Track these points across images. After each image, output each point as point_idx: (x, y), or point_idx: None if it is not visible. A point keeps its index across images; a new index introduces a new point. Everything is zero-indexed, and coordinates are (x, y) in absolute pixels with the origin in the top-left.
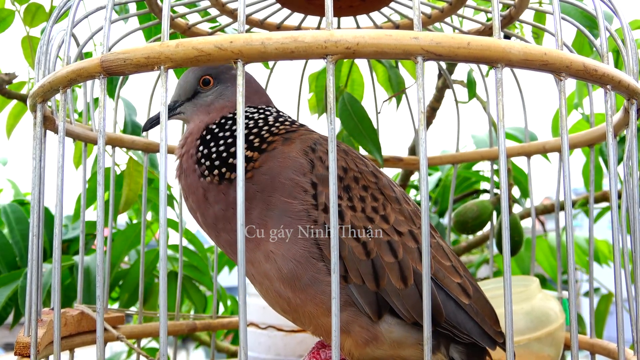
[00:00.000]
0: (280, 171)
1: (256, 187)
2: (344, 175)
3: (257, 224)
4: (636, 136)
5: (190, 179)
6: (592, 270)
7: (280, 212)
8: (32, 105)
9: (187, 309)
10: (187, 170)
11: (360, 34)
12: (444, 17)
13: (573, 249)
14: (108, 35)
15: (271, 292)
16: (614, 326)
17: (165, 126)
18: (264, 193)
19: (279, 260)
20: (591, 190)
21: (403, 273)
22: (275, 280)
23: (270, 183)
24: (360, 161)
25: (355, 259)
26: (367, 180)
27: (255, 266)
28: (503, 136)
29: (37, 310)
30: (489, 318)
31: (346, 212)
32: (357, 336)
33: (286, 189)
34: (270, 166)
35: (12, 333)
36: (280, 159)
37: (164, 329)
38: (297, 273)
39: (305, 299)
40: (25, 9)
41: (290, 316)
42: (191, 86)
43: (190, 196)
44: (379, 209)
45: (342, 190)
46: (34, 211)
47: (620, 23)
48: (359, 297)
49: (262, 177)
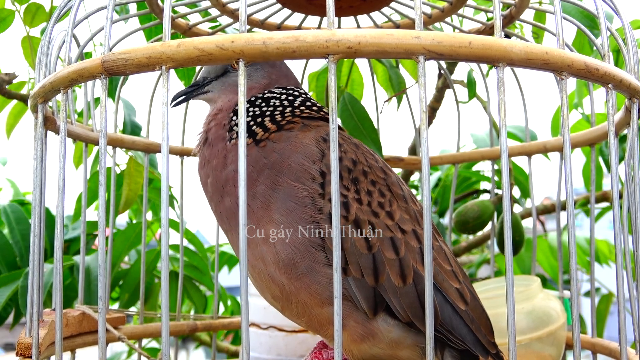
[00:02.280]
0: (291, 154)
1: (266, 160)
2: (353, 167)
3: (260, 201)
4: (637, 135)
5: (216, 146)
6: (593, 270)
7: (285, 196)
8: (33, 106)
9: (188, 309)
10: (215, 139)
11: (361, 33)
12: (444, 16)
13: (575, 249)
14: (109, 36)
15: (264, 276)
16: (615, 326)
17: (167, 126)
18: (272, 170)
19: (278, 244)
20: (592, 190)
21: (403, 271)
22: (270, 264)
23: (280, 161)
24: (370, 156)
25: (356, 251)
26: (376, 175)
27: (251, 247)
28: (505, 136)
29: (39, 311)
30: (484, 327)
31: (352, 204)
32: (352, 331)
33: (294, 172)
34: (282, 146)
35: (12, 333)
36: (293, 142)
37: (166, 329)
38: (295, 260)
39: (299, 287)
40: (25, 9)
41: (280, 304)
42: (222, 65)
43: (211, 160)
44: (385, 205)
45: (349, 182)
46: (35, 211)
47: (621, 22)
48: (357, 291)
49: (273, 154)
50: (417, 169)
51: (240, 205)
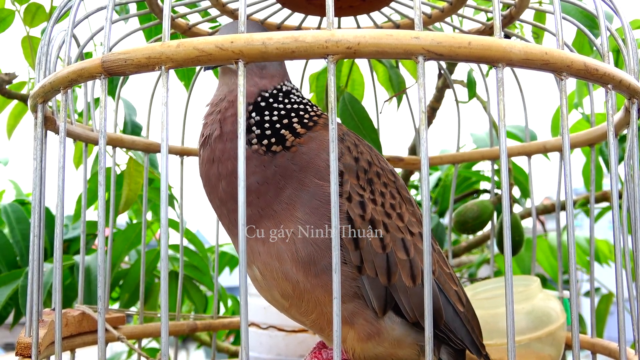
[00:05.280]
0: (318, 153)
1: (295, 166)
2: (368, 168)
3: (286, 203)
4: (637, 136)
5: (232, 144)
6: (593, 270)
7: (311, 195)
8: (32, 106)
9: (188, 309)
10: (231, 134)
11: (361, 33)
12: (444, 16)
13: (574, 249)
14: (109, 36)
15: (275, 274)
16: (615, 326)
17: (166, 126)
18: (300, 173)
19: (299, 242)
20: (592, 190)
21: (413, 271)
22: (287, 262)
23: (307, 164)
24: (382, 159)
25: (372, 251)
26: (388, 178)
27: (267, 245)
28: (504, 136)
29: (39, 311)
30: (477, 329)
31: (368, 204)
32: (361, 329)
33: (320, 170)
34: (310, 147)
35: (12, 333)
36: (319, 141)
37: (166, 329)
38: (315, 257)
39: (316, 284)
40: (25, 9)
41: (288, 302)
42: None
43: (224, 162)
44: (395, 207)
45: (365, 183)
46: (35, 211)
47: (621, 22)
48: (370, 289)
49: (302, 156)
50: (417, 169)
51: (240, 205)
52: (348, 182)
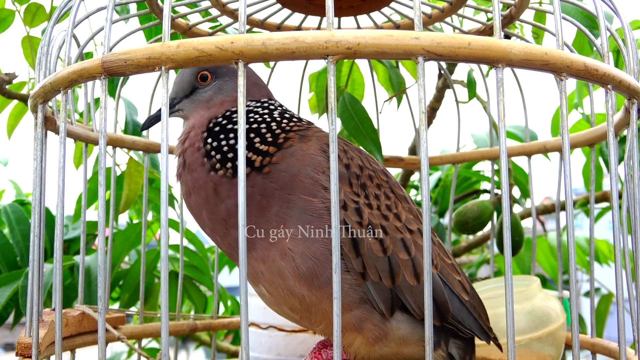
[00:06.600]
0: (301, 169)
1: (274, 184)
2: (360, 173)
3: (274, 221)
4: (637, 136)
5: (197, 173)
6: (593, 270)
7: (300, 211)
8: (32, 106)
9: (188, 309)
10: (193, 164)
11: (361, 34)
12: (444, 17)
13: (574, 249)
14: (109, 36)
15: (281, 290)
16: (614, 326)
17: (166, 126)
18: (283, 190)
19: (298, 258)
20: (592, 190)
21: (416, 270)
22: (290, 278)
23: (290, 181)
24: (372, 160)
25: (373, 256)
26: (380, 178)
27: (267, 264)
28: (504, 136)
29: (39, 311)
30: (483, 314)
31: (364, 209)
32: (369, 334)
33: (307, 187)
34: (289, 163)
35: (12, 333)
36: (299, 157)
37: (166, 329)
38: (316, 271)
39: (321, 296)
40: (26, 9)
41: (298, 315)
42: (188, 82)
43: (197, 192)
44: (392, 207)
45: (359, 188)
46: (35, 211)
47: (621, 23)
48: (375, 294)
49: (282, 174)
50: (417, 169)
51: (240, 205)
52: (341, 190)
